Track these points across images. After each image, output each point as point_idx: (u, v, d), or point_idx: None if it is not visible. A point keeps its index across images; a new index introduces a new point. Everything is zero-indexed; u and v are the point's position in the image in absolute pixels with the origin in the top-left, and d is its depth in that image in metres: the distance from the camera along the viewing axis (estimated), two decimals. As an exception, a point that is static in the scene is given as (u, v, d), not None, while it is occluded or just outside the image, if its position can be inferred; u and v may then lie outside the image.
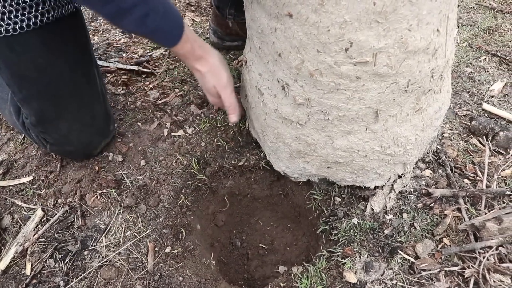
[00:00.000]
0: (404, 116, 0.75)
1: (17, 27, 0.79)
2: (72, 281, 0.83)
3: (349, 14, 0.57)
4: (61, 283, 0.83)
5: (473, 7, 1.48)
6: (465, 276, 0.78)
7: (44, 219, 0.94)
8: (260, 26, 0.71)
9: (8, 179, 1.02)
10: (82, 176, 0.98)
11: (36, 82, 0.86)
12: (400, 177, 0.93)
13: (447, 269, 0.79)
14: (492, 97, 1.12)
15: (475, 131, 1.02)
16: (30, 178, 1.01)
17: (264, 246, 1.05)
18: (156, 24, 0.74)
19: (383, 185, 0.91)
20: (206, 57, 0.86)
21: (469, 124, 1.04)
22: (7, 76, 0.86)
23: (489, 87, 1.15)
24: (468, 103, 1.10)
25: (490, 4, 1.49)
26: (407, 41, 0.61)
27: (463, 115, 1.07)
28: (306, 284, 0.79)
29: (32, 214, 0.94)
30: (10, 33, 0.79)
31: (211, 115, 1.09)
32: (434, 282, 0.77)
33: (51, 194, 0.97)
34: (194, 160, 0.99)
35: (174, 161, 1.00)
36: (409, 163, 0.91)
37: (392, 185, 0.92)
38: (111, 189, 0.95)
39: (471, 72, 1.20)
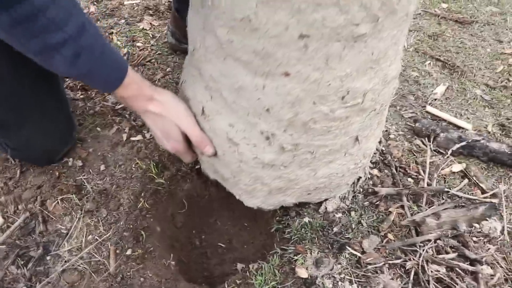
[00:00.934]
0: (372, 131, 0.82)
1: None
2: (35, 287, 0.86)
3: (350, 67, 0.61)
4: (23, 288, 0.86)
5: (420, 13, 1.59)
6: (407, 268, 0.86)
7: (5, 225, 0.96)
8: (237, 83, 0.66)
9: (-35, 182, 1.03)
10: (42, 182, 1.00)
11: None
12: (359, 179, 1.01)
13: (390, 262, 0.87)
14: (435, 99, 1.22)
15: (419, 132, 1.12)
16: (-11, 182, 1.03)
17: (222, 245, 1.11)
18: (90, 66, 0.70)
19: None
20: (157, 96, 0.80)
21: (413, 125, 1.14)
22: None
23: (432, 90, 1.25)
24: (413, 106, 1.20)
25: (435, 11, 1.60)
26: (388, 74, 0.68)
27: (408, 117, 1.17)
28: (261, 280, 0.85)
29: (-9, 221, 0.96)
30: None
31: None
32: (379, 275, 0.86)
33: (11, 200, 0.99)
34: (153, 164, 1.03)
35: (133, 166, 1.04)
36: (367, 166, 0.99)
37: (353, 187, 1.00)
38: (72, 194, 0.98)
39: (416, 76, 1.30)
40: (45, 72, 0.90)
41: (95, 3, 1.55)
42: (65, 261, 0.89)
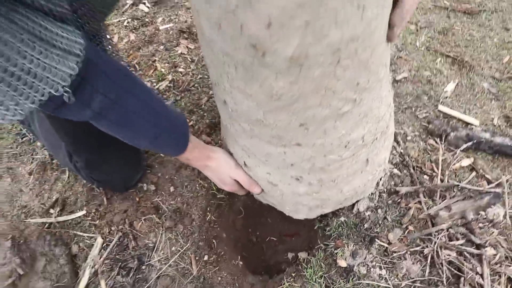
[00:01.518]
0: (380, 148, 1.03)
1: None
2: (138, 290, 1.16)
3: (345, 129, 0.82)
4: (130, 293, 1.17)
5: (430, 8, 1.74)
6: (424, 254, 1.11)
7: (104, 244, 1.25)
8: (264, 151, 0.90)
9: (66, 215, 1.33)
10: (127, 207, 1.29)
11: (85, 138, 1.14)
12: (381, 179, 1.25)
13: (411, 250, 1.13)
14: (446, 97, 1.42)
15: (432, 132, 1.34)
16: (84, 212, 1.32)
17: (274, 239, 1.39)
18: (166, 146, 0.96)
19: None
20: (212, 154, 1.06)
21: (427, 126, 1.35)
22: (62, 134, 1.14)
23: (443, 89, 1.45)
24: (427, 105, 1.41)
25: (444, 4, 1.75)
26: (379, 115, 0.89)
27: (423, 117, 1.38)
28: (311, 272, 1.13)
29: (94, 242, 1.26)
30: None
31: (220, 141, 1.39)
32: (402, 261, 1.11)
33: (104, 224, 1.29)
34: (213, 183, 1.30)
35: (197, 185, 1.31)
36: (386, 167, 1.23)
37: (377, 187, 1.24)
38: (152, 215, 1.26)
39: (429, 75, 1.49)
40: None
41: (134, 31, 1.77)
42: (158, 269, 1.19)
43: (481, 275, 1.05)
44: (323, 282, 1.11)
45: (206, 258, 1.19)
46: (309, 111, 0.74)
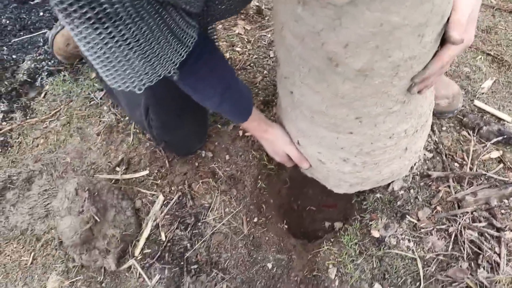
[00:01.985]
0: (418, 138, 1.17)
1: None
2: (195, 244, 1.37)
3: (392, 124, 0.98)
4: (188, 245, 1.38)
5: (476, 6, 1.84)
6: (449, 232, 1.30)
7: (165, 201, 1.46)
8: (320, 134, 1.08)
9: (130, 173, 1.54)
10: (187, 170, 1.49)
11: (168, 106, 1.35)
12: (415, 164, 1.42)
13: (438, 227, 1.31)
14: (483, 93, 1.57)
15: (466, 125, 1.49)
16: (147, 172, 1.53)
17: (313, 208, 1.59)
18: (229, 110, 1.16)
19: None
20: (270, 129, 1.24)
21: (462, 119, 1.51)
22: (149, 95, 1.34)
23: (481, 85, 1.59)
24: (464, 100, 1.55)
25: (490, 2, 1.85)
26: (421, 112, 1.06)
27: (459, 111, 1.53)
28: (347, 239, 1.32)
29: (155, 199, 1.47)
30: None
31: (272, 117, 1.57)
32: (429, 236, 1.30)
33: (166, 183, 1.49)
34: (265, 154, 1.49)
35: (250, 156, 1.50)
36: (421, 154, 1.40)
37: (411, 171, 1.41)
38: (209, 179, 1.47)
39: (468, 71, 1.63)
40: None
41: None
42: (213, 227, 1.40)
43: (499, 255, 1.24)
44: (357, 249, 1.30)
45: (255, 220, 1.40)
46: (366, 109, 0.92)
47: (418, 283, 1.23)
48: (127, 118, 1.65)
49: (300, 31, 0.77)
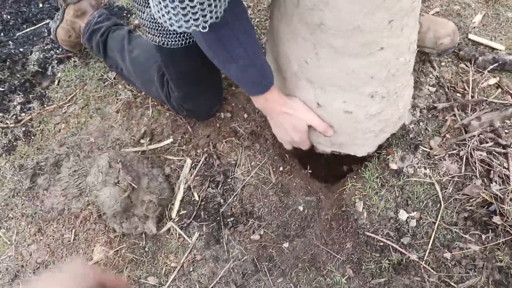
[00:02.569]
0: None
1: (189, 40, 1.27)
2: (228, 199, 1.47)
3: (409, 31, 1.08)
4: (221, 200, 1.48)
5: None
6: (460, 155, 1.41)
7: (193, 164, 1.56)
8: (350, 69, 1.10)
9: (155, 143, 1.63)
10: (209, 132, 1.59)
11: (189, 77, 1.42)
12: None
13: (449, 153, 1.42)
14: (474, 27, 1.67)
15: (462, 57, 1.60)
16: (171, 140, 1.62)
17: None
18: (254, 76, 1.09)
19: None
20: (289, 102, 1.19)
21: (458, 53, 1.62)
22: (171, 71, 1.41)
23: (471, 20, 1.69)
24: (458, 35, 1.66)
25: None
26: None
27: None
28: (369, 174, 1.43)
29: (183, 163, 1.56)
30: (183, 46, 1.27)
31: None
32: (442, 162, 1.42)
33: (191, 148, 1.59)
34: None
35: (267, 112, 1.59)
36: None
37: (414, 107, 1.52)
38: (232, 137, 1.56)
39: (458, 9, 1.73)
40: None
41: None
42: (242, 180, 1.49)
43: (508, 168, 1.36)
44: (379, 182, 1.41)
45: (281, 168, 1.50)
46: (399, 3, 0.97)
47: (438, 205, 1.35)
48: (143, 93, 1.73)
49: None
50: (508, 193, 1.30)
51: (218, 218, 1.46)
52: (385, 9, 0.96)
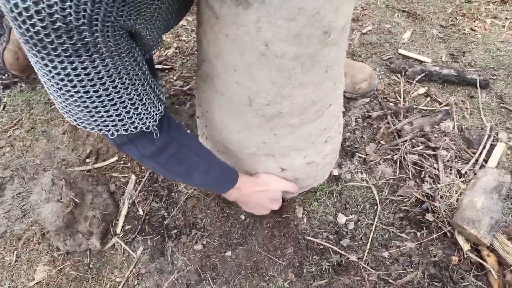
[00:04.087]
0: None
1: None
2: (172, 211, 1.47)
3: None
4: (165, 214, 1.47)
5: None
6: (394, 159, 1.46)
7: (138, 180, 1.55)
8: (307, 132, 1.11)
9: (101, 162, 1.62)
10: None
11: None
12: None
13: (384, 157, 1.47)
14: (404, 43, 1.78)
15: (394, 70, 1.69)
16: (116, 158, 1.61)
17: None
18: (218, 175, 1.05)
19: (342, 117, 1.56)
20: (257, 180, 1.18)
21: (390, 66, 1.71)
22: None
23: (401, 37, 1.80)
24: (389, 50, 1.75)
25: (398, -31, 2.11)
26: None
27: (386, 59, 1.72)
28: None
29: (128, 180, 1.56)
30: None
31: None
32: (378, 166, 1.46)
33: (136, 164, 1.58)
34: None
35: (209, 127, 1.62)
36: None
37: (353, 116, 1.58)
38: (176, 153, 1.57)
39: (389, 27, 1.84)
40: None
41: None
42: (185, 193, 1.50)
43: (437, 169, 1.41)
44: (318, 188, 1.45)
45: (224, 180, 1.51)
46: (338, 70, 1.00)
47: (375, 207, 1.38)
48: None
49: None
50: (438, 191, 1.35)
51: (162, 231, 1.44)
52: (330, 76, 0.98)
